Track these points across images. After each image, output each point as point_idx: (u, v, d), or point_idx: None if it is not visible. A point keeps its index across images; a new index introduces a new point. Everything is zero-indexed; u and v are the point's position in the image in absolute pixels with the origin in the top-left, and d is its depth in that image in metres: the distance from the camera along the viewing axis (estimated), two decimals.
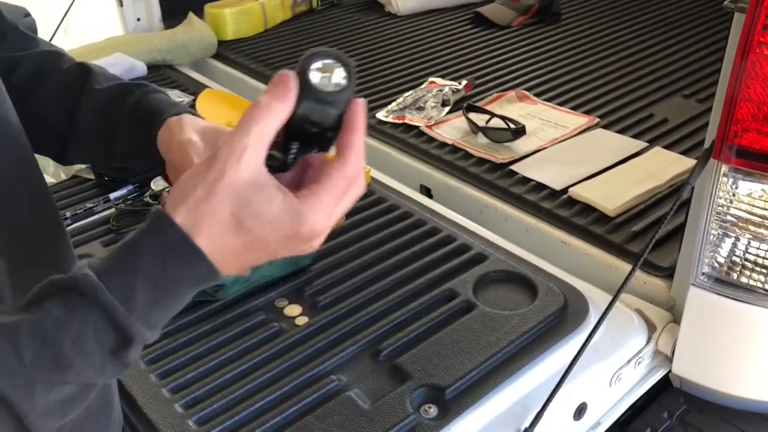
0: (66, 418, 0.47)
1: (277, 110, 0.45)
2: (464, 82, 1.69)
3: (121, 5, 2.07)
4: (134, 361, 0.47)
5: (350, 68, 0.46)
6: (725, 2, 0.84)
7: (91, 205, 1.29)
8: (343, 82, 0.46)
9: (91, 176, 1.39)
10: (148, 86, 0.69)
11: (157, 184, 1.30)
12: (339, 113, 0.47)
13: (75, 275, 0.44)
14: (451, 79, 1.73)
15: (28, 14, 1.58)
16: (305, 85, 0.45)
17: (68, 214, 1.26)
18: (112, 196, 1.31)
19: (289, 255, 0.47)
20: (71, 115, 0.67)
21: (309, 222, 0.45)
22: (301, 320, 1.00)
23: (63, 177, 1.40)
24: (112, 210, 1.27)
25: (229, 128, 0.62)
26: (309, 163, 0.51)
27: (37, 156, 0.64)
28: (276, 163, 0.48)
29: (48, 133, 0.68)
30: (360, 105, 0.48)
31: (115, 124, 0.67)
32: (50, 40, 2.05)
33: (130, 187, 1.33)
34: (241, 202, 0.44)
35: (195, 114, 0.66)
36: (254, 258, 0.47)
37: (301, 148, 0.49)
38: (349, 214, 1.24)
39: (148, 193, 1.28)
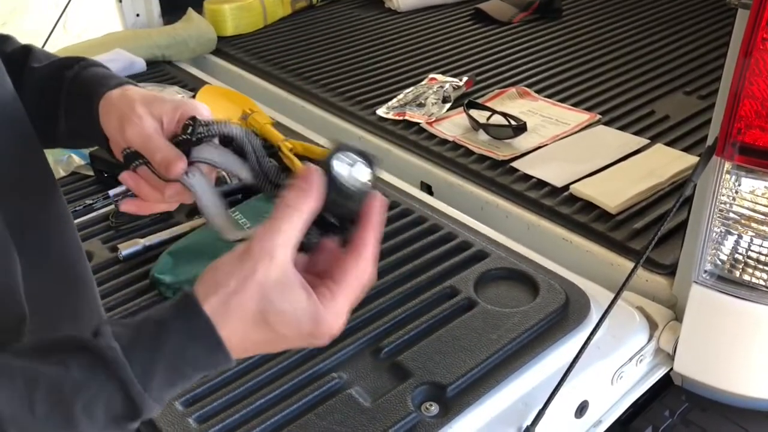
0: None
1: (305, 210, 0.48)
2: (465, 78, 1.68)
3: (120, 1, 2.06)
4: None
5: (374, 165, 0.49)
6: None
7: (91, 201, 1.29)
8: (367, 178, 0.49)
9: (90, 173, 1.38)
10: (87, 60, 0.68)
11: None
12: (360, 207, 0.50)
13: (101, 346, 0.45)
14: (452, 76, 1.72)
15: None
16: (330, 180, 0.47)
17: None
18: (112, 192, 1.30)
19: (300, 347, 0.51)
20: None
21: (326, 324, 0.49)
22: None
23: (62, 173, 1.40)
24: (112, 207, 1.26)
25: (166, 96, 0.63)
26: (323, 247, 0.53)
27: None
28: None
29: None
30: (378, 201, 0.51)
31: (56, 101, 0.66)
32: (49, 36, 2.05)
33: None
34: (268, 300, 0.47)
35: (134, 84, 0.66)
36: (269, 349, 0.50)
37: (321, 233, 0.51)
38: None
39: None
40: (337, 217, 0.50)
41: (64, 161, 1.41)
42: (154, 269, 1.06)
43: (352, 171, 0.48)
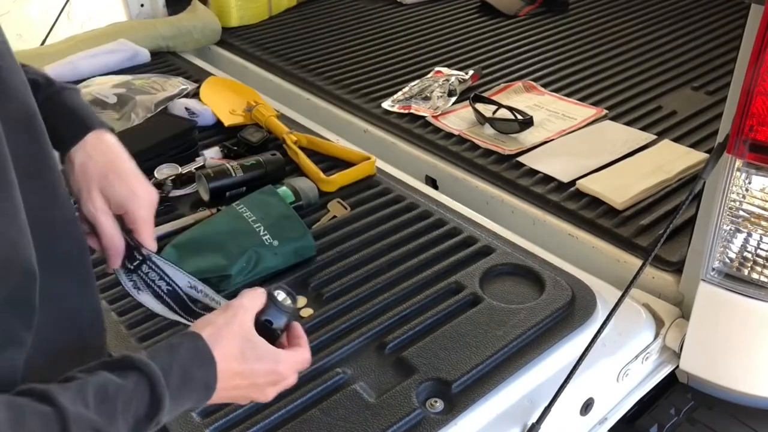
0: None
1: (257, 298, 0.68)
2: (471, 72, 1.67)
3: None
4: None
5: (294, 297, 0.72)
6: None
7: None
8: (291, 303, 0.72)
9: None
10: (53, 82, 0.73)
11: (162, 173, 1.28)
12: (287, 322, 0.71)
13: (134, 358, 0.56)
14: (458, 69, 1.71)
15: None
16: (271, 300, 0.70)
17: None
18: None
19: (260, 393, 0.65)
20: None
21: (285, 364, 0.66)
22: (306, 312, 0.99)
23: None
24: None
25: (121, 174, 0.73)
26: None
27: None
28: None
29: None
30: (298, 327, 0.72)
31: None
32: (53, 25, 2.04)
33: None
34: (245, 339, 0.64)
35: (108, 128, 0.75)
36: (242, 386, 0.63)
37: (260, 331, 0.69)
38: (354, 205, 1.23)
39: (151, 182, 1.27)
40: (271, 325, 0.70)
41: None
42: None
43: (285, 297, 0.71)
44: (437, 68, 1.73)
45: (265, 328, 0.70)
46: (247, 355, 0.63)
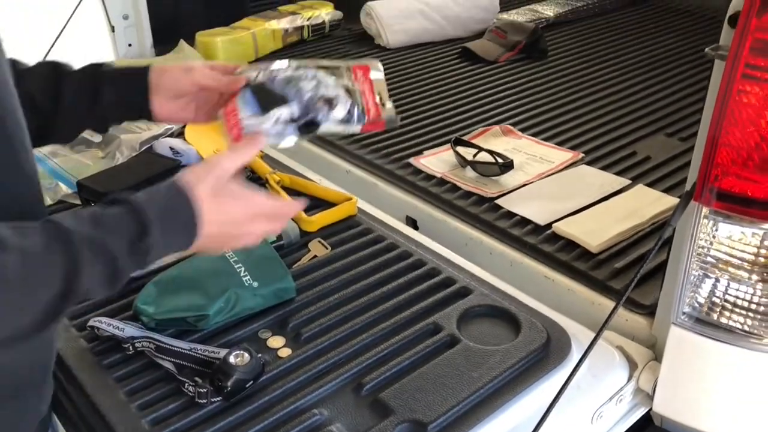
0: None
1: (235, 158, 0.77)
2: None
3: (113, 31, 2.08)
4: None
5: (251, 353, 0.93)
6: (706, 49, 0.86)
7: None
8: (244, 361, 0.92)
9: (77, 201, 1.38)
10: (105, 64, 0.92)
11: None
12: (237, 378, 0.90)
13: (113, 196, 0.66)
14: (438, 113, 1.75)
15: None
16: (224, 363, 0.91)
17: None
18: None
19: (246, 229, 0.75)
20: (55, 97, 0.86)
21: (260, 197, 0.77)
22: (284, 352, 1.00)
23: (49, 201, 1.39)
24: None
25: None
26: None
27: None
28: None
29: (34, 115, 0.81)
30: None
31: (97, 93, 0.88)
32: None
33: None
34: (220, 184, 0.73)
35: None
36: (225, 222, 0.72)
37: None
38: (335, 245, 1.24)
39: None
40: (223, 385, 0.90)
41: (52, 190, 1.41)
42: (138, 299, 1.05)
43: (240, 359, 0.92)
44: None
45: (219, 389, 0.89)
46: (220, 195, 0.71)
